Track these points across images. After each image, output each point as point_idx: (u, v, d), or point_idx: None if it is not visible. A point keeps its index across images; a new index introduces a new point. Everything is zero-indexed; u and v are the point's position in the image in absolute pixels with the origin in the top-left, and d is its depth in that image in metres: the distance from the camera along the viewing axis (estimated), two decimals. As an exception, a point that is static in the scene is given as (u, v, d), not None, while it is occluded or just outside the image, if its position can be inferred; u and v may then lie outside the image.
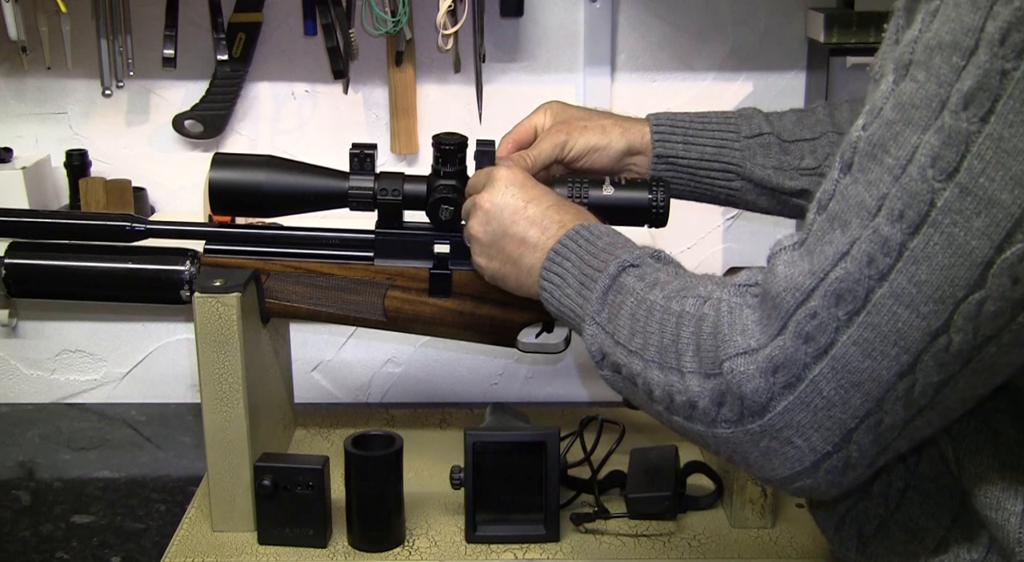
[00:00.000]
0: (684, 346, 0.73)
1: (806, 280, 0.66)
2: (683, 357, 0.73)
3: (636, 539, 1.10)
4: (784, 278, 0.67)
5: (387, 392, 1.54)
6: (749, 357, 0.68)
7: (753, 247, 1.51)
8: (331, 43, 1.36)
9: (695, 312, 0.74)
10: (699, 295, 0.75)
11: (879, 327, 0.63)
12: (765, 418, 0.68)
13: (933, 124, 0.61)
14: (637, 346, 0.78)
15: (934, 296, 0.62)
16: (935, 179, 0.61)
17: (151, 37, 1.39)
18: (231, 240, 1.12)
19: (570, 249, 0.89)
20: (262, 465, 1.07)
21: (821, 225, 0.67)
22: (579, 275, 0.87)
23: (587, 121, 1.09)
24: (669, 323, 0.75)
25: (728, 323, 0.70)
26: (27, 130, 1.46)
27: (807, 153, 1.08)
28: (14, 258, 1.10)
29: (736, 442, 0.70)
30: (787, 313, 0.66)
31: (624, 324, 0.80)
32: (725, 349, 0.69)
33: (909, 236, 0.62)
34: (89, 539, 1.15)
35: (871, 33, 1.32)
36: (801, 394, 0.66)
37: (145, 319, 1.51)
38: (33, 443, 1.39)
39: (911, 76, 0.63)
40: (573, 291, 0.87)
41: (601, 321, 0.82)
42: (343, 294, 1.11)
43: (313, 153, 1.21)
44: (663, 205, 1.08)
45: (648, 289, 0.80)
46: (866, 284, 0.63)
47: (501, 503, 1.10)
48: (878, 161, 0.64)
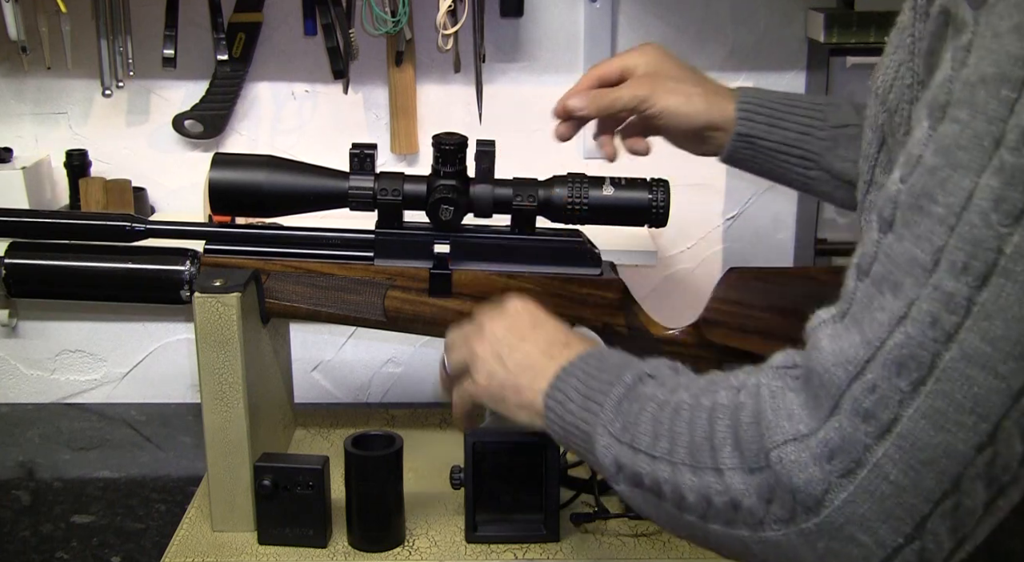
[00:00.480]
0: (720, 441, 0.65)
1: (859, 351, 0.59)
2: (720, 453, 0.65)
3: (636, 539, 1.10)
4: (832, 353, 0.60)
5: (387, 392, 1.54)
6: (800, 444, 0.60)
7: (753, 247, 1.51)
8: (331, 43, 1.36)
9: (729, 402, 0.66)
10: (731, 385, 0.68)
11: (951, 395, 0.56)
12: (822, 514, 0.59)
13: (989, 164, 0.55)
14: (663, 451, 0.69)
15: (1013, 353, 0.55)
16: (1000, 224, 0.55)
17: (151, 37, 1.39)
18: (231, 240, 1.12)
19: (578, 366, 0.80)
20: (262, 465, 1.07)
21: (866, 291, 0.60)
22: (586, 390, 0.78)
23: (676, 82, 1.04)
24: (700, 419, 0.67)
25: (771, 408, 0.63)
26: (27, 130, 1.46)
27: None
28: (14, 258, 1.10)
29: (789, 546, 0.62)
30: (839, 390, 0.59)
31: (645, 430, 0.71)
32: (771, 437, 0.62)
33: (976, 289, 0.55)
34: (89, 539, 1.15)
35: (871, 33, 1.32)
36: (863, 481, 0.58)
37: (145, 319, 1.51)
38: (33, 443, 1.39)
39: (951, 117, 0.57)
40: (577, 406, 0.78)
41: (615, 431, 0.73)
42: (343, 294, 1.11)
43: (313, 153, 1.21)
44: (663, 205, 1.08)
45: (671, 393, 0.72)
46: (931, 348, 0.56)
47: (501, 503, 1.10)
48: (926, 213, 0.57)
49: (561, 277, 1.11)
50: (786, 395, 0.62)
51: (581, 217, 1.09)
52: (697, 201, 1.48)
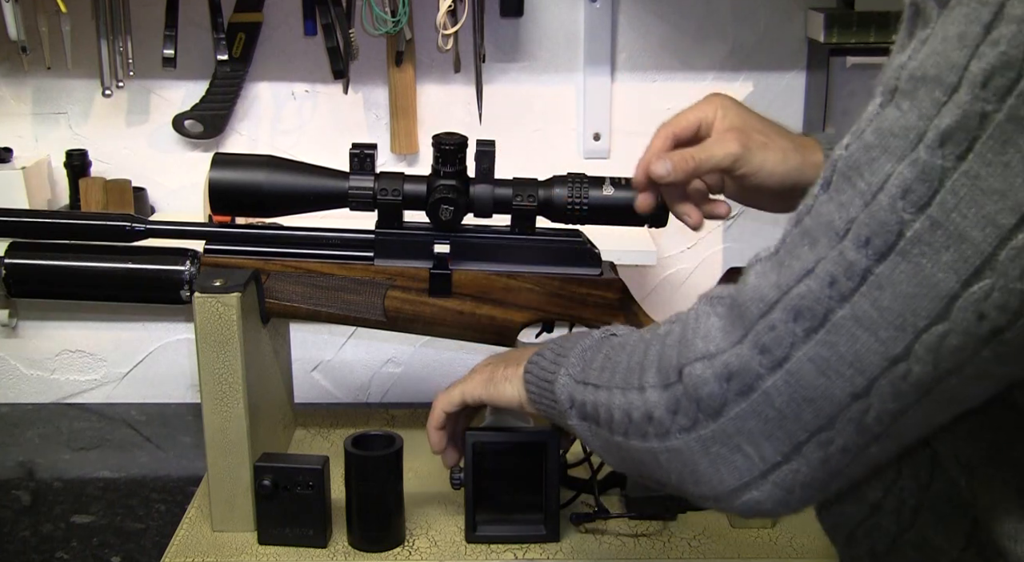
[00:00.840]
0: (648, 363, 0.73)
1: (771, 292, 0.66)
2: (646, 374, 0.73)
3: (636, 539, 1.10)
4: (752, 288, 0.67)
5: (387, 392, 1.54)
6: (707, 362, 0.68)
7: (753, 247, 1.49)
8: (331, 43, 1.36)
9: (663, 331, 0.74)
10: (670, 320, 0.75)
11: (836, 347, 0.63)
12: (718, 422, 0.67)
13: (908, 156, 0.61)
14: (604, 379, 0.78)
15: (895, 323, 0.62)
16: (905, 210, 0.61)
17: (151, 37, 1.39)
18: (231, 240, 1.12)
19: (559, 339, 0.91)
20: (262, 465, 1.07)
21: (794, 238, 0.67)
22: (560, 349, 0.88)
23: (766, 137, 0.97)
24: (638, 349, 0.76)
25: (693, 329, 0.70)
26: (27, 130, 1.46)
27: None
28: (14, 258, 1.10)
29: (688, 451, 0.69)
30: (750, 323, 0.66)
31: (596, 366, 0.80)
32: (686, 354, 0.69)
33: (875, 262, 0.62)
34: (89, 539, 1.15)
35: (871, 33, 1.32)
36: (754, 402, 0.66)
37: (145, 319, 1.51)
38: (33, 443, 1.39)
39: (895, 103, 0.62)
40: (548, 362, 0.88)
41: (573, 372, 0.83)
42: (343, 294, 1.11)
43: (313, 153, 1.21)
44: (663, 205, 1.08)
45: (627, 335, 0.82)
46: (826, 304, 0.63)
47: (501, 503, 1.10)
48: (851, 183, 0.63)
49: (561, 277, 1.11)
50: (709, 319, 0.70)
51: (581, 217, 1.09)
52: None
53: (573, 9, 1.42)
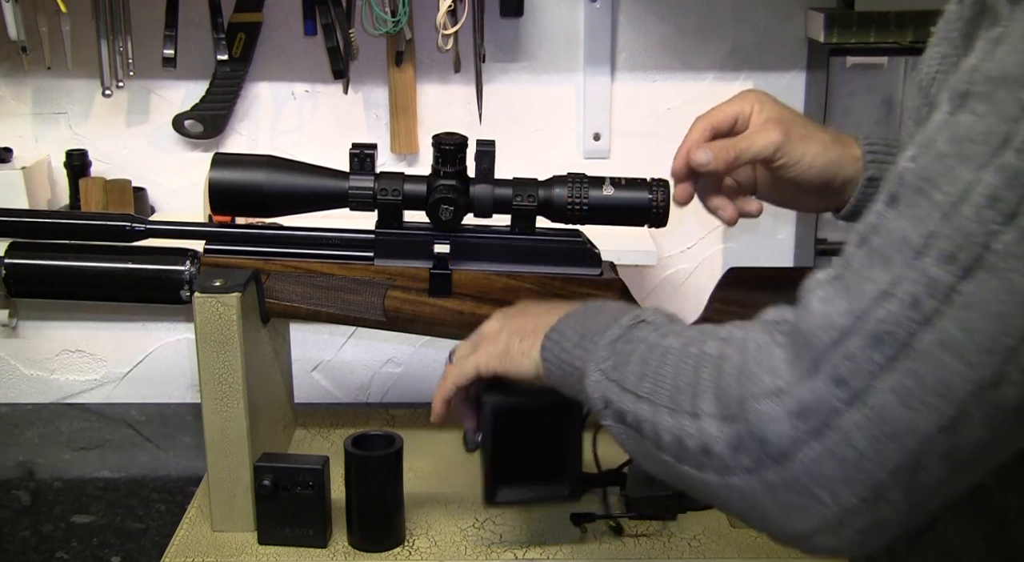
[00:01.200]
0: (703, 388, 0.67)
1: (842, 319, 0.60)
2: (700, 399, 0.67)
3: (636, 539, 1.10)
4: (819, 315, 0.62)
5: (387, 392, 1.54)
6: (776, 398, 0.62)
7: (753, 247, 1.51)
8: (331, 43, 1.36)
9: (716, 353, 0.68)
10: (720, 337, 0.69)
11: (921, 375, 0.58)
12: (787, 467, 0.61)
13: (992, 162, 0.56)
14: (646, 391, 0.71)
15: (985, 345, 0.56)
16: (993, 221, 0.56)
17: (151, 37, 1.39)
18: (231, 240, 1.12)
19: (579, 312, 0.85)
20: (262, 465, 1.07)
21: (861, 260, 0.61)
22: (583, 330, 0.82)
23: (805, 129, 0.97)
24: (686, 366, 0.69)
25: (755, 361, 0.64)
26: (27, 130, 1.46)
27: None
28: (14, 258, 1.10)
29: (752, 493, 0.64)
30: (820, 353, 0.61)
31: (633, 370, 0.74)
32: (750, 388, 0.63)
33: (960, 279, 0.57)
34: (89, 539, 1.15)
35: (871, 33, 1.32)
36: (829, 443, 0.60)
37: (145, 319, 1.51)
38: (33, 443, 1.39)
39: (970, 108, 0.58)
40: (572, 344, 0.82)
41: (606, 369, 0.77)
42: (343, 294, 1.11)
43: (313, 153, 1.21)
44: (663, 205, 1.08)
45: (662, 337, 0.74)
46: (908, 327, 0.58)
47: (521, 468, 1.04)
48: (926, 196, 0.59)
49: (561, 277, 1.11)
50: (772, 350, 0.64)
51: (581, 217, 1.09)
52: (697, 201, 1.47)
53: (573, 9, 1.42)
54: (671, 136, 1.46)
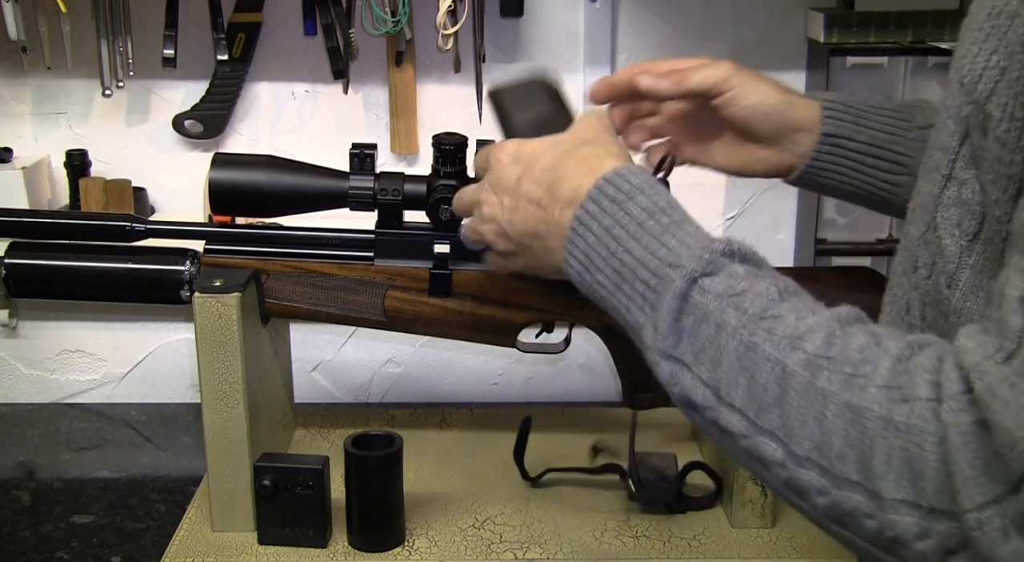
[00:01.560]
0: (882, 464, 0.56)
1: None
2: (882, 479, 0.56)
3: (636, 539, 1.10)
4: (1017, 408, 0.52)
5: (387, 392, 1.54)
6: (999, 507, 0.53)
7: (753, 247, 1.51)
8: (331, 43, 1.36)
9: (890, 415, 0.57)
10: (885, 382, 0.58)
11: None
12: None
13: None
14: (772, 424, 0.61)
15: None
16: None
17: (151, 37, 1.39)
18: (231, 240, 1.12)
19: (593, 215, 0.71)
20: (262, 465, 1.07)
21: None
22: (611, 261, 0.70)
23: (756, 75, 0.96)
24: (839, 417, 0.58)
25: (967, 458, 0.54)
26: (27, 130, 1.46)
27: None
28: (14, 258, 1.10)
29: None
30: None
31: (734, 380, 0.62)
32: (968, 494, 0.54)
33: None
34: (89, 539, 1.15)
35: (871, 33, 1.32)
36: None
37: (145, 319, 1.51)
38: (33, 443, 1.39)
39: None
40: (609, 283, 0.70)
41: (684, 357, 0.65)
42: (343, 294, 1.11)
43: (313, 153, 1.21)
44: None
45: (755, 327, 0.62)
46: None
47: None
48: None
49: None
50: (979, 438, 0.54)
51: (581, 217, 1.09)
52: (697, 201, 1.46)
53: (573, 9, 1.42)
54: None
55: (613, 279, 0.70)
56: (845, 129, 0.96)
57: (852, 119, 0.96)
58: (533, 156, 0.80)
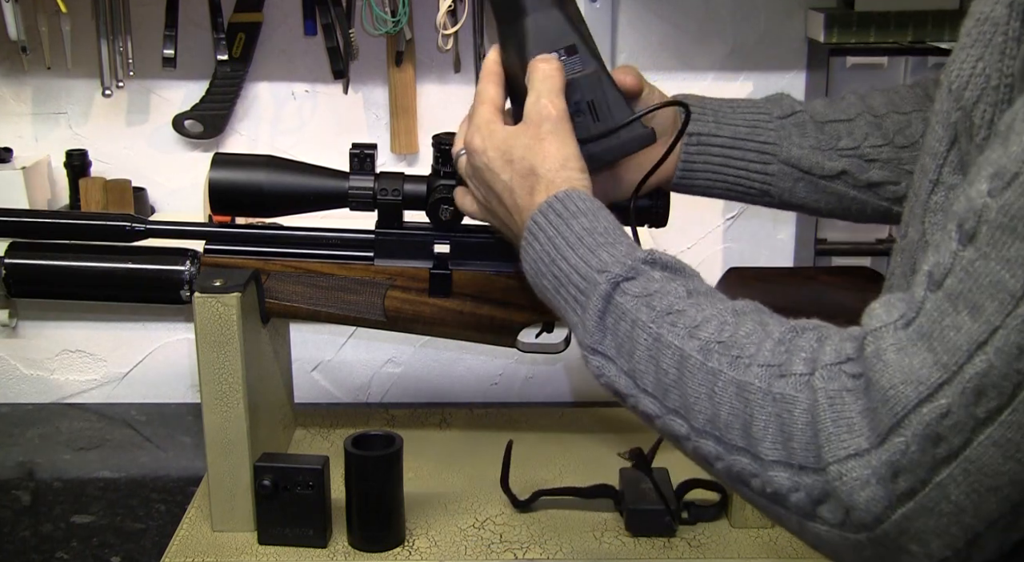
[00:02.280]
0: (760, 429, 0.63)
1: (932, 373, 0.56)
2: (761, 443, 0.63)
3: (636, 539, 1.10)
4: (900, 369, 0.57)
5: (387, 392, 1.54)
6: (861, 459, 0.58)
7: (753, 247, 1.51)
8: (331, 43, 1.36)
9: (767, 388, 0.63)
10: (765, 362, 0.64)
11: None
12: (877, 529, 0.59)
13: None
14: (675, 404, 0.68)
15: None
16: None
17: (151, 37, 1.39)
18: (231, 240, 1.12)
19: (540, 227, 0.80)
20: (262, 465, 1.07)
21: (938, 305, 0.57)
22: (552, 267, 0.78)
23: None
24: (725, 392, 0.65)
25: (830, 417, 0.60)
26: (27, 130, 1.46)
27: (844, 134, 0.99)
28: (14, 258, 1.10)
29: (834, 543, 0.61)
30: (905, 410, 0.57)
31: (646, 369, 0.70)
32: (831, 448, 0.59)
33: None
34: (89, 539, 1.15)
35: (871, 33, 1.32)
36: (924, 499, 0.57)
37: (145, 319, 1.51)
38: (33, 443, 1.39)
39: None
40: (551, 286, 0.78)
41: (607, 351, 0.73)
42: (343, 294, 1.11)
43: (313, 153, 1.21)
44: (663, 205, 1.08)
45: (662, 321, 0.70)
46: (1015, 378, 0.54)
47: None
48: (1019, 236, 0.54)
49: (561, 277, 1.11)
50: (844, 400, 0.60)
51: (581, 217, 1.09)
52: (697, 201, 1.47)
53: (573, 9, 1.42)
54: (671, 136, 1.45)
55: (553, 282, 0.78)
56: (706, 127, 1.00)
57: (712, 117, 1.00)
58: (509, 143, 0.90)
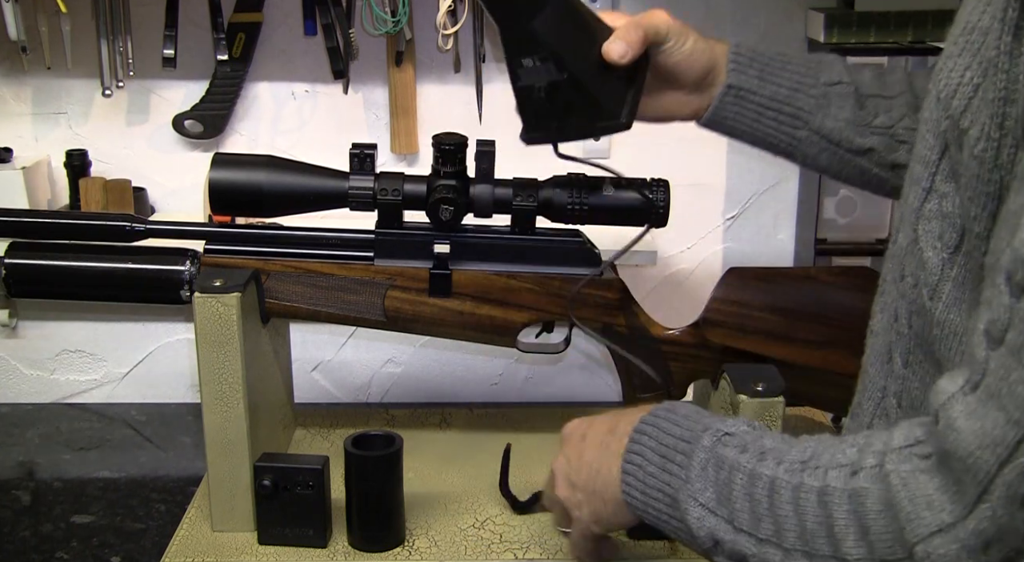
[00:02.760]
0: (842, 530, 0.63)
1: (1007, 432, 0.55)
2: (843, 543, 0.63)
3: (636, 539, 1.10)
4: (973, 434, 0.56)
5: (387, 392, 1.54)
6: (947, 535, 0.57)
7: (753, 247, 1.51)
8: (331, 43, 1.36)
9: (844, 486, 0.64)
10: (840, 463, 0.65)
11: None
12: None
13: None
14: (767, 533, 0.68)
15: None
16: None
17: (151, 37, 1.39)
18: (231, 240, 1.12)
19: (649, 425, 0.80)
20: (262, 465, 1.07)
21: (1002, 362, 0.56)
22: (661, 449, 0.77)
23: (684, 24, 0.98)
24: (807, 502, 0.66)
25: (907, 497, 0.60)
26: (27, 130, 1.46)
27: (882, 111, 0.98)
28: (14, 258, 1.10)
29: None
30: (988, 475, 0.56)
31: (742, 507, 0.70)
32: (912, 530, 0.59)
33: None
34: (89, 539, 1.15)
35: (871, 33, 1.32)
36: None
37: (145, 319, 1.51)
38: (33, 443, 1.39)
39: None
40: (656, 468, 0.77)
41: (707, 502, 0.72)
42: (343, 294, 1.11)
43: (313, 153, 1.21)
44: (663, 205, 1.08)
45: (757, 460, 0.71)
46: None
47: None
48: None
49: (561, 277, 1.12)
50: (918, 480, 0.59)
51: (581, 217, 1.09)
52: (697, 201, 1.48)
53: (573, 9, 1.42)
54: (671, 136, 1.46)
55: (660, 463, 0.77)
56: (748, 82, 0.98)
57: (757, 73, 0.98)
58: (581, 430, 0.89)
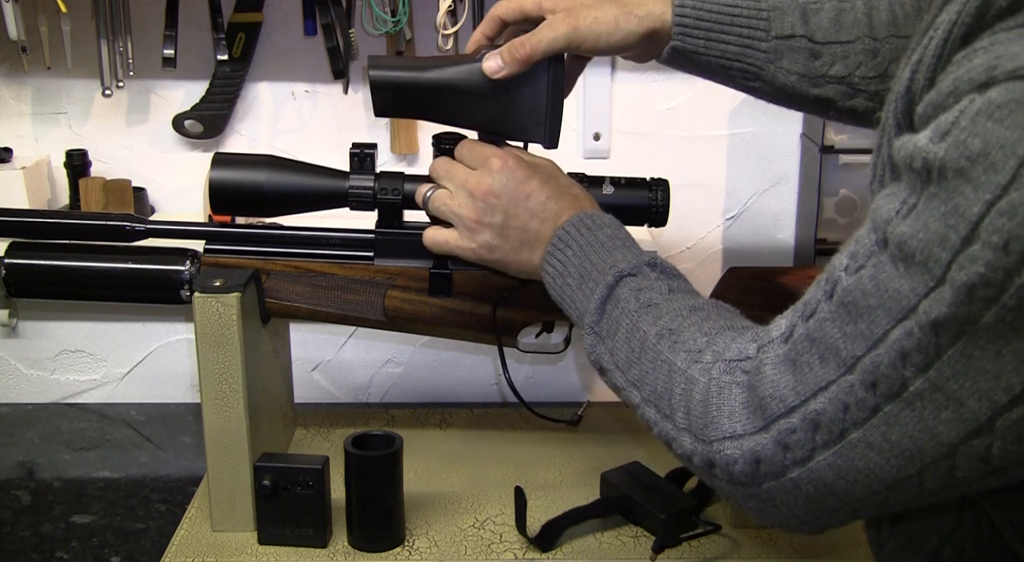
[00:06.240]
0: (676, 402, 0.76)
1: (789, 396, 0.68)
2: (676, 413, 0.76)
3: (636, 539, 1.10)
4: (770, 383, 0.69)
5: (387, 392, 1.54)
6: (735, 442, 0.71)
7: (753, 247, 1.51)
8: (331, 43, 1.36)
9: (685, 369, 0.76)
10: (690, 349, 0.77)
11: (852, 460, 0.66)
12: (751, 490, 0.72)
13: (903, 323, 0.62)
14: (634, 377, 0.81)
15: (903, 454, 0.65)
16: (906, 369, 0.62)
17: (151, 37, 1.39)
18: (231, 240, 1.12)
19: (572, 236, 0.91)
20: (262, 465, 1.07)
21: (803, 342, 0.68)
22: (580, 267, 0.90)
23: (597, 11, 0.95)
24: (661, 369, 0.78)
25: (716, 405, 0.73)
26: (27, 130, 1.46)
27: (838, 59, 0.97)
28: (14, 258, 1.10)
29: (729, 494, 0.75)
30: (770, 417, 0.69)
31: (621, 347, 0.83)
32: (713, 429, 0.72)
33: (883, 401, 0.64)
34: (89, 539, 1.15)
35: None
36: (781, 486, 0.70)
37: (145, 319, 1.51)
38: (33, 443, 1.39)
39: (891, 256, 0.62)
40: (574, 282, 0.90)
41: (601, 332, 0.86)
42: (343, 294, 1.11)
43: (313, 153, 1.21)
44: (663, 205, 1.08)
45: (642, 312, 0.83)
46: (841, 425, 0.66)
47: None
48: (853, 320, 0.64)
49: (561, 277, 1.11)
50: (732, 391, 0.72)
51: (581, 217, 1.09)
52: (697, 201, 1.48)
53: (573, 9, 1.42)
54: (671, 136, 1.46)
55: (577, 280, 0.90)
56: (694, 44, 0.98)
57: (703, 33, 0.97)
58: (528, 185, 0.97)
